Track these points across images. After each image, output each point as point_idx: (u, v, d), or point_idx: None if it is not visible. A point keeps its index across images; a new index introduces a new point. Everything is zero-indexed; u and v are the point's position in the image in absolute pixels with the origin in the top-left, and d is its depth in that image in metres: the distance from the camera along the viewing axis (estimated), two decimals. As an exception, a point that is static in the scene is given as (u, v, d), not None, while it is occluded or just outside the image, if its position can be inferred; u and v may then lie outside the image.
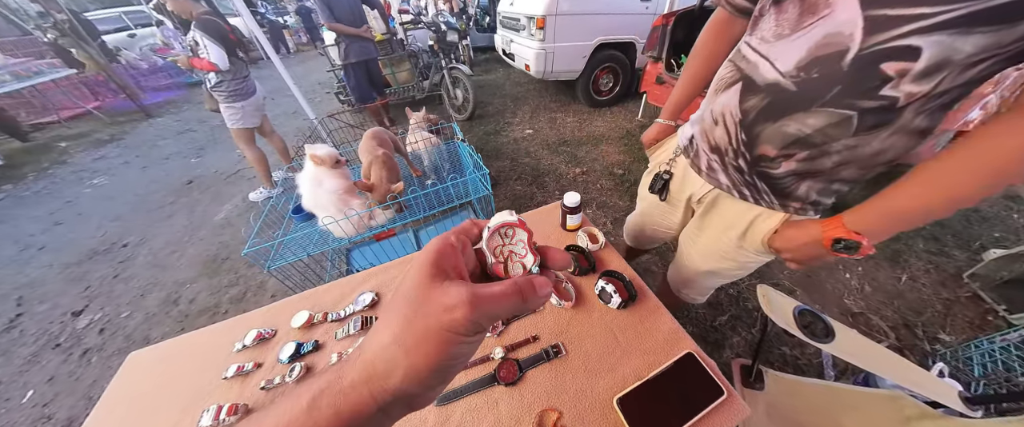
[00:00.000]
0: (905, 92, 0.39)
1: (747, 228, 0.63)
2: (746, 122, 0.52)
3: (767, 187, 0.56)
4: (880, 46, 0.37)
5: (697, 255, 0.77)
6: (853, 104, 0.42)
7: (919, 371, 0.68)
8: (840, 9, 0.39)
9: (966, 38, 0.34)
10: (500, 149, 2.79)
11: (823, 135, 0.45)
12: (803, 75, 0.44)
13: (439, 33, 3.20)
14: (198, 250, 2.07)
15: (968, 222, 1.88)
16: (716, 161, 0.61)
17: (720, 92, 0.56)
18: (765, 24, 0.49)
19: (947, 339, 1.31)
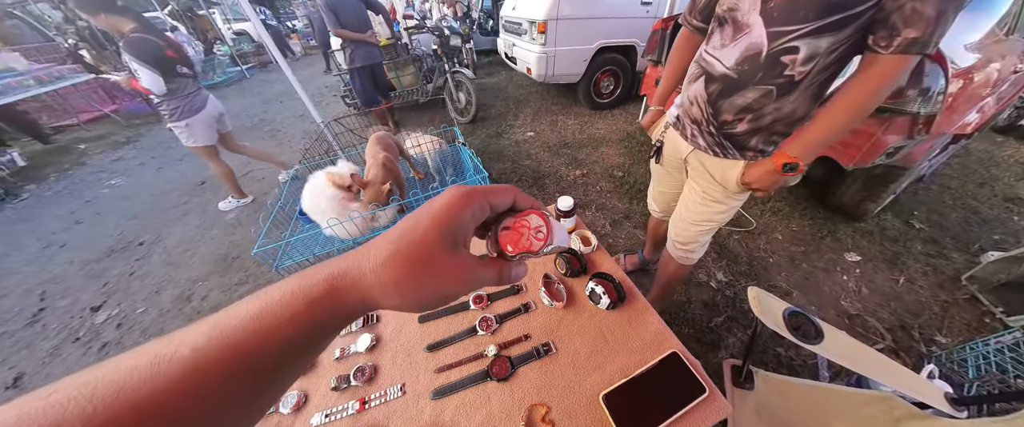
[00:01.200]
0: (798, 71, 0.66)
1: (724, 174, 0.87)
2: (710, 100, 0.79)
3: (731, 144, 0.82)
4: (777, 48, 0.66)
5: (689, 205, 1.01)
6: (771, 81, 0.69)
7: (906, 372, 0.70)
8: (754, 29, 0.68)
9: (820, 39, 0.62)
10: (502, 151, 2.83)
11: (759, 103, 0.72)
12: (740, 67, 0.72)
13: (443, 37, 3.25)
14: (210, 249, 2.15)
15: (967, 224, 1.87)
16: (696, 129, 0.87)
17: (691, 83, 0.84)
18: (714, 39, 0.77)
19: (944, 341, 1.32)
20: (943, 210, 1.98)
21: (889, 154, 1.45)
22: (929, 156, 1.59)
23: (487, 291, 0.81)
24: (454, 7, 5.18)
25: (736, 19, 0.70)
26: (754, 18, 0.66)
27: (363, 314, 0.21)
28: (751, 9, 0.67)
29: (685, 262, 1.13)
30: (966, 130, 1.46)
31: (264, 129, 4.04)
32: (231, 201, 2.50)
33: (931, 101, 1.28)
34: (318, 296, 0.19)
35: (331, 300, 0.19)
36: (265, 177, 2.93)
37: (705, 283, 1.58)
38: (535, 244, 0.24)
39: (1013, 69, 1.54)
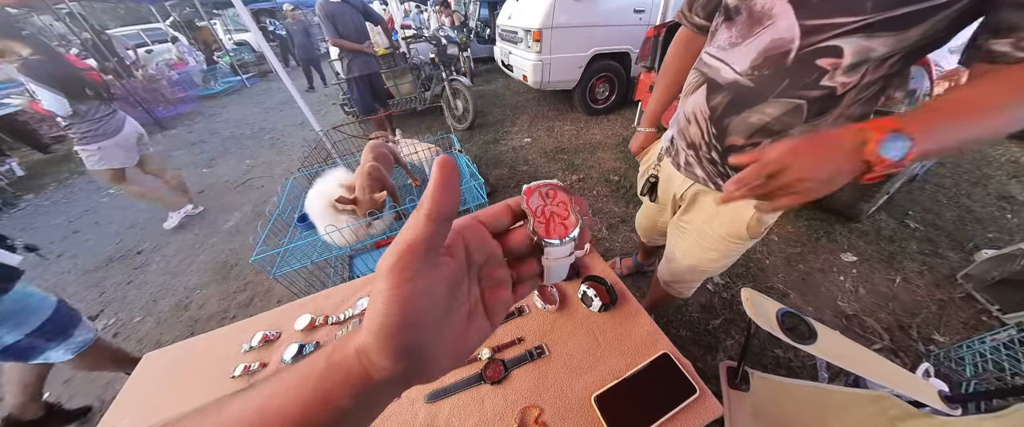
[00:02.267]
0: (840, 82, 0.48)
1: (729, 220, 0.69)
2: (714, 117, 0.61)
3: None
4: (813, 46, 0.48)
5: (682, 252, 0.84)
6: (801, 94, 0.51)
7: (901, 371, 0.70)
8: (780, 20, 0.49)
9: (873, 39, 0.44)
10: (499, 157, 2.86)
11: (781, 122, 0.54)
12: (757, 73, 0.54)
13: (440, 46, 3.30)
14: (208, 257, 2.15)
15: (961, 223, 1.88)
16: (692, 156, 0.69)
17: (689, 95, 0.66)
18: (720, 36, 0.59)
19: (941, 340, 1.32)
20: (937, 209, 2.00)
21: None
22: (920, 156, 1.61)
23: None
24: (451, 17, 5.28)
25: (753, 8, 0.52)
26: (781, 6, 0.48)
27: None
28: None
29: (682, 296, 1.01)
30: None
31: (264, 137, 4.07)
32: (172, 216, 2.41)
33: (917, 103, 1.30)
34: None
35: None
36: (264, 185, 2.95)
37: (702, 286, 1.59)
38: (561, 208, 0.22)
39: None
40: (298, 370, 0.18)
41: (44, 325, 0.96)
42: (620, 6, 2.99)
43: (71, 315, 1.06)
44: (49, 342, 1.00)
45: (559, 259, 0.22)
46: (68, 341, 1.05)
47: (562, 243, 0.21)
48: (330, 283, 1.54)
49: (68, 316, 1.05)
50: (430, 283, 0.17)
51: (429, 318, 0.17)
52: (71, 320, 1.05)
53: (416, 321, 0.16)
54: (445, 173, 0.17)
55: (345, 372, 0.17)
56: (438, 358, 0.18)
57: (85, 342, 1.08)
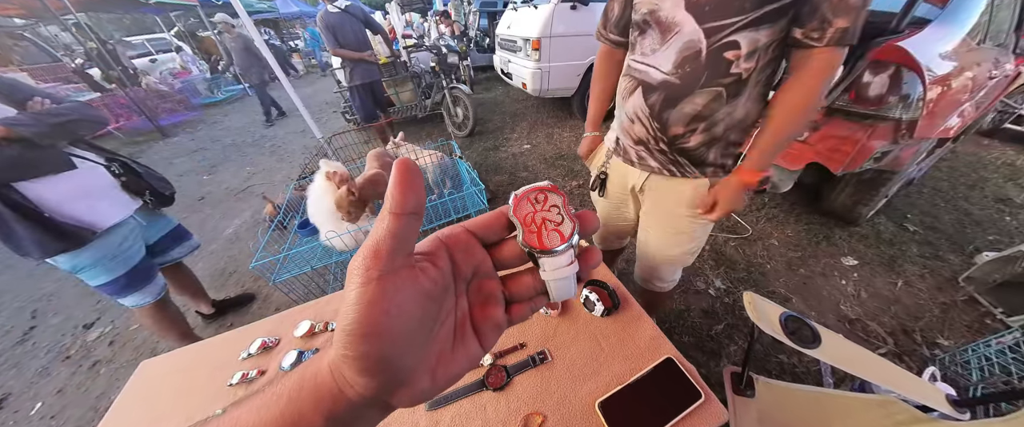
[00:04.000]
0: (744, 68, 0.61)
1: (689, 198, 0.78)
2: (654, 113, 0.70)
3: (687, 160, 0.74)
4: (718, 43, 0.60)
5: (655, 242, 0.91)
6: (718, 82, 0.63)
7: (907, 375, 0.69)
8: (685, 26, 0.61)
9: (758, 32, 0.57)
10: (499, 164, 2.87)
11: (709, 108, 0.65)
12: (680, 71, 0.64)
13: (440, 55, 3.36)
14: (208, 264, 2.14)
15: (961, 226, 1.89)
16: (643, 150, 0.77)
17: (626, 98, 0.75)
18: (641, 46, 0.70)
19: (946, 344, 1.31)
20: (936, 212, 2.00)
21: (876, 159, 1.48)
22: (917, 160, 1.62)
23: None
24: (451, 26, 5.37)
25: (660, 20, 0.63)
26: (681, 15, 0.60)
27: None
28: (675, 6, 0.60)
29: (659, 291, 1.06)
30: (949, 134, 1.50)
31: (265, 145, 4.09)
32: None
33: (911, 107, 1.32)
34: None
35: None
36: (266, 192, 2.95)
37: (703, 291, 1.58)
38: (553, 212, 0.19)
39: (988, 75, 1.60)
40: (275, 387, 0.17)
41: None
42: (617, 15, 3.05)
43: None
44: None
45: (559, 270, 0.19)
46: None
47: (557, 253, 0.18)
48: (330, 290, 1.53)
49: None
50: (400, 285, 0.15)
51: (400, 325, 0.15)
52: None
53: (384, 327, 0.15)
54: (402, 170, 0.16)
55: (317, 390, 0.16)
56: (416, 376, 0.16)
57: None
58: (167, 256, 1.39)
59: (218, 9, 7.01)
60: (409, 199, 0.16)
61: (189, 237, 1.48)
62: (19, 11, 4.93)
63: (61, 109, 1.03)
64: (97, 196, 1.09)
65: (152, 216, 1.30)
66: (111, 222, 1.10)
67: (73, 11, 4.30)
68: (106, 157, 1.16)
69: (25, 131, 0.91)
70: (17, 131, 0.90)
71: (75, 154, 1.05)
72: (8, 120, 0.91)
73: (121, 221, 1.14)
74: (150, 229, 1.29)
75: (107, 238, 1.09)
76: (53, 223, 0.96)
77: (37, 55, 5.60)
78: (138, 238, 1.22)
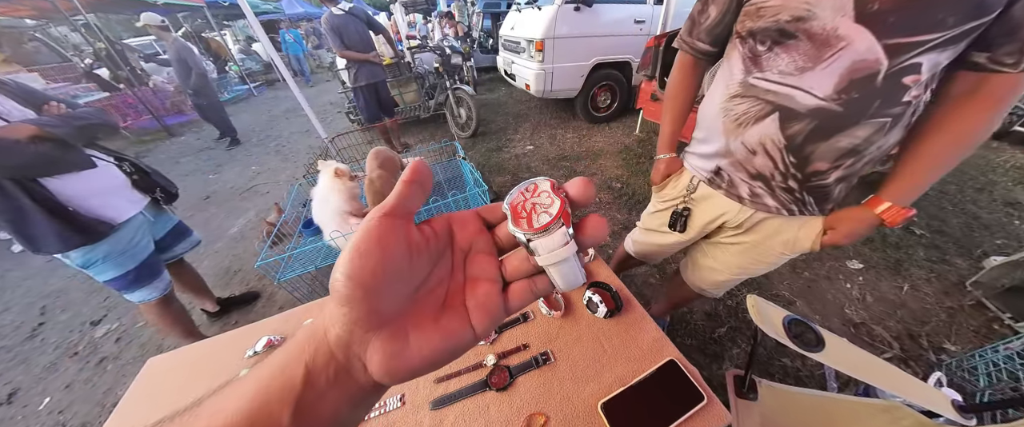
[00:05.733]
0: (913, 96, 0.50)
1: (793, 238, 0.70)
2: (793, 146, 0.58)
3: (813, 199, 0.64)
4: (900, 65, 0.48)
5: (730, 262, 0.82)
6: (888, 112, 0.51)
7: (913, 380, 0.69)
8: (857, 42, 0.48)
9: (943, 53, 0.47)
10: (502, 165, 2.88)
11: (868, 142, 0.54)
12: (845, 97, 0.51)
13: (444, 56, 3.37)
14: (213, 262, 2.16)
15: (969, 229, 1.87)
16: (760, 187, 0.66)
17: (747, 126, 0.61)
18: (776, 62, 0.56)
19: (953, 349, 1.29)
20: (943, 216, 1.98)
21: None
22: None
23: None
24: (455, 27, 5.39)
25: (813, 32, 0.50)
26: (849, 28, 0.48)
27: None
28: (839, 15, 0.48)
29: (711, 296, 1.00)
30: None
31: (270, 144, 4.13)
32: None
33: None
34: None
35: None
36: (270, 192, 2.98)
37: (706, 292, 1.57)
38: (543, 197, 0.19)
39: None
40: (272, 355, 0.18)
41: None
42: (621, 17, 3.05)
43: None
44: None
45: (554, 252, 0.18)
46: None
47: (549, 232, 0.18)
48: (333, 289, 1.54)
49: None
50: (394, 228, 0.17)
51: (386, 262, 0.16)
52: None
53: (373, 255, 0.16)
54: (417, 165, 0.19)
55: (300, 343, 0.17)
56: (391, 328, 0.17)
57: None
58: (171, 252, 1.42)
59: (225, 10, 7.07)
60: (422, 172, 0.18)
61: (190, 233, 1.50)
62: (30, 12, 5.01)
63: (82, 113, 1.08)
64: (112, 192, 1.14)
65: (158, 212, 1.34)
66: (126, 216, 1.15)
67: (82, 12, 4.36)
68: (116, 157, 1.19)
69: (56, 131, 0.96)
70: (49, 131, 0.95)
71: (92, 154, 1.09)
72: (39, 121, 0.96)
73: (133, 216, 1.18)
74: (156, 225, 1.33)
75: (120, 233, 1.13)
76: (76, 217, 1.01)
77: (47, 56, 5.69)
78: (147, 234, 1.25)
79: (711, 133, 0.69)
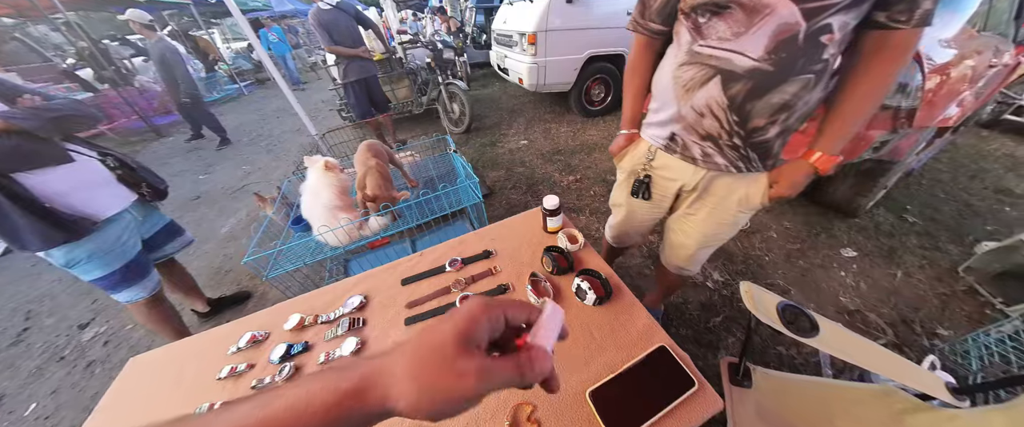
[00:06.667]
0: (831, 54, 0.57)
1: (744, 194, 0.76)
2: (734, 105, 0.63)
3: (757, 154, 0.70)
4: (816, 26, 0.55)
5: (695, 231, 0.88)
6: (811, 69, 0.58)
7: (907, 364, 0.68)
8: (779, 7, 0.55)
9: (849, 14, 0.54)
10: (496, 160, 2.86)
11: (797, 97, 0.60)
12: (774, 57, 0.58)
13: (436, 51, 3.33)
14: (203, 262, 2.13)
15: (960, 216, 1.88)
16: (710, 147, 0.72)
17: (693, 90, 0.67)
18: (715, 29, 0.62)
19: (945, 333, 1.30)
20: (935, 204, 1.99)
21: (875, 148, 1.47)
22: (915, 150, 1.61)
23: (473, 290, 0.80)
24: (447, 22, 5.33)
25: (743, 2, 0.57)
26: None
27: (381, 417, 0.22)
28: None
29: (689, 275, 1.06)
30: (948, 123, 1.48)
31: (261, 143, 4.08)
32: None
33: (910, 95, 1.30)
34: (347, 390, 0.22)
35: (358, 394, 0.22)
36: (261, 189, 2.94)
37: (702, 284, 1.57)
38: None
39: (988, 64, 1.58)
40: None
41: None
42: (614, 9, 3.02)
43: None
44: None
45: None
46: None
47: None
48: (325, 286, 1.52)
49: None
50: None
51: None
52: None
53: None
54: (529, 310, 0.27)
55: (336, 392, 0.22)
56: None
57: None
58: (161, 252, 1.39)
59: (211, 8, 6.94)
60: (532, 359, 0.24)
61: (182, 233, 1.47)
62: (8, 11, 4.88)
63: (55, 105, 1.04)
64: (95, 188, 1.10)
65: (147, 211, 1.30)
66: (110, 213, 1.11)
67: (62, 10, 4.25)
68: (99, 152, 1.16)
69: (24, 124, 0.92)
70: (15, 123, 0.91)
71: (71, 149, 1.05)
72: (5, 114, 0.92)
73: (119, 213, 1.14)
74: (145, 224, 1.29)
75: (105, 231, 1.10)
76: (54, 213, 0.97)
77: (27, 55, 5.55)
78: (135, 232, 1.22)
79: (665, 101, 0.75)
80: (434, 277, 0.86)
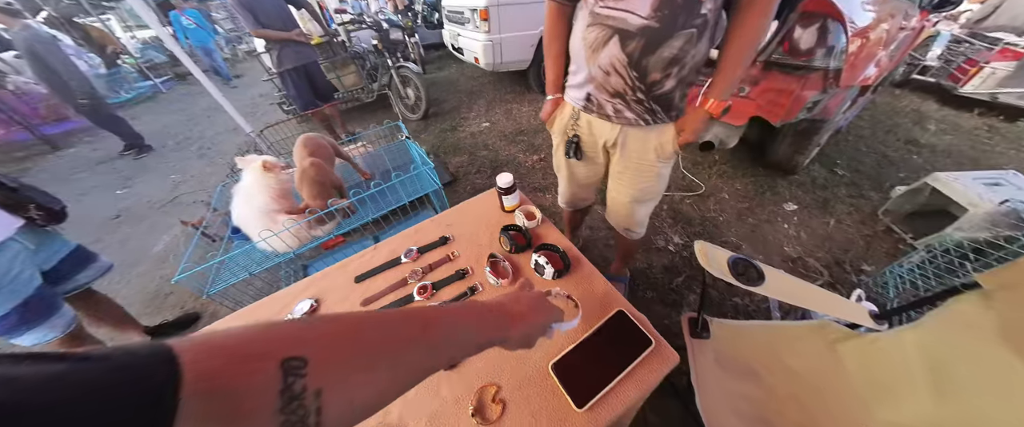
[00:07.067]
0: (709, 9, 0.64)
1: (657, 142, 0.81)
2: (633, 61, 0.69)
3: (660, 107, 0.76)
4: None
5: (625, 187, 0.94)
6: (692, 24, 0.65)
7: (838, 299, 0.74)
8: None
9: None
10: (458, 145, 2.75)
11: (684, 50, 0.67)
12: (659, 14, 0.64)
13: (382, 32, 3.07)
14: (136, 288, 1.88)
15: (879, 167, 2.11)
16: (620, 103, 0.77)
17: (598, 50, 0.72)
18: None
19: (869, 269, 1.47)
20: (859, 157, 2.22)
21: (809, 108, 1.58)
22: (842, 108, 1.75)
23: (431, 279, 0.76)
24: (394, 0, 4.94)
25: None
26: None
27: (491, 344, 0.37)
28: None
29: (637, 237, 1.12)
30: (868, 82, 1.63)
31: (191, 148, 3.61)
32: None
33: (836, 57, 1.40)
34: (488, 310, 0.39)
35: (495, 319, 0.38)
36: (198, 201, 2.62)
37: (664, 248, 1.64)
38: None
39: (900, 27, 1.74)
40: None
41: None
42: (566, -19, 2.94)
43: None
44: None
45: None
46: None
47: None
48: (278, 292, 1.39)
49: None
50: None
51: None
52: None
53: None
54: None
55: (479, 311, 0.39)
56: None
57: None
58: (71, 283, 1.20)
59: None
60: None
61: (96, 258, 1.28)
62: None
63: None
64: None
65: (42, 237, 1.10)
66: None
67: None
68: None
69: None
70: None
71: None
72: None
73: (1, 243, 0.94)
74: (41, 253, 1.09)
75: None
76: None
77: None
78: (28, 264, 1.02)
79: (578, 64, 0.80)
80: (389, 270, 0.81)
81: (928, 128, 2.53)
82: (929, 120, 2.64)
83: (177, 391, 0.17)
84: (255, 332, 0.22)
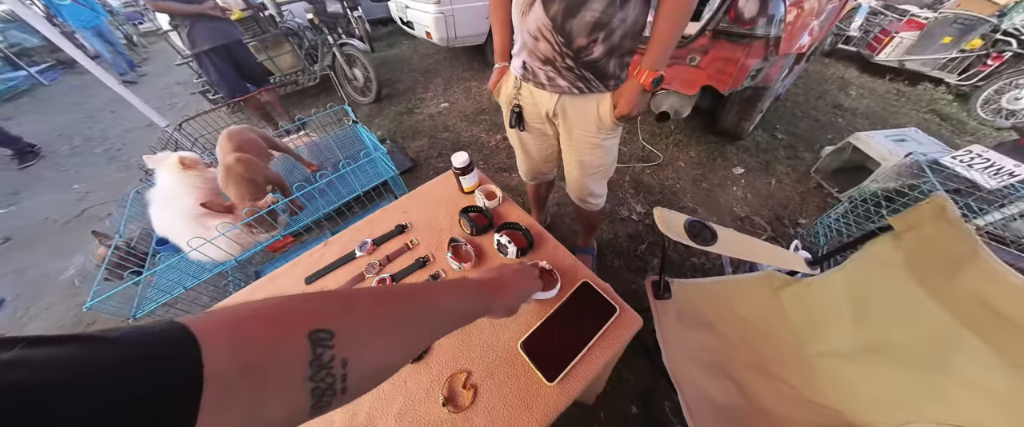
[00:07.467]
0: None
1: (596, 114, 0.80)
2: (557, 25, 0.68)
3: (593, 74, 0.74)
4: None
5: (572, 159, 0.93)
6: None
7: (779, 250, 0.81)
8: None
9: None
10: (416, 128, 2.60)
11: (606, 14, 0.65)
12: None
13: (317, 4, 2.73)
14: (47, 323, 1.61)
15: (812, 130, 2.33)
16: (551, 70, 0.76)
17: (526, 14, 0.71)
18: None
19: (804, 222, 1.64)
20: (795, 121, 2.42)
21: (753, 76, 1.66)
22: (781, 76, 1.87)
23: (389, 271, 0.71)
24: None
25: None
26: None
27: (478, 313, 0.41)
28: None
29: (596, 209, 1.13)
30: (803, 50, 1.74)
31: (95, 151, 3.06)
32: None
33: (776, 26, 1.47)
34: (473, 285, 0.43)
35: (479, 289, 0.42)
36: (113, 213, 2.24)
37: (627, 217, 1.70)
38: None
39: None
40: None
41: None
42: (517, -54, 2.77)
43: None
44: None
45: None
46: None
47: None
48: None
49: None
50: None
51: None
52: None
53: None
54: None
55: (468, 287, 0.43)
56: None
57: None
58: None
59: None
60: None
61: None
62: None
63: None
64: None
65: None
66: None
67: None
68: None
69: None
70: None
71: None
72: None
73: None
74: None
75: None
76: None
77: None
78: None
79: (517, 32, 0.78)
80: (343, 267, 0.74)
81: (850, 93, 2.81)
82: (851, 86, 2.93)
83: (201, 366, 0.17)
84: (277, 304, 0.24)
